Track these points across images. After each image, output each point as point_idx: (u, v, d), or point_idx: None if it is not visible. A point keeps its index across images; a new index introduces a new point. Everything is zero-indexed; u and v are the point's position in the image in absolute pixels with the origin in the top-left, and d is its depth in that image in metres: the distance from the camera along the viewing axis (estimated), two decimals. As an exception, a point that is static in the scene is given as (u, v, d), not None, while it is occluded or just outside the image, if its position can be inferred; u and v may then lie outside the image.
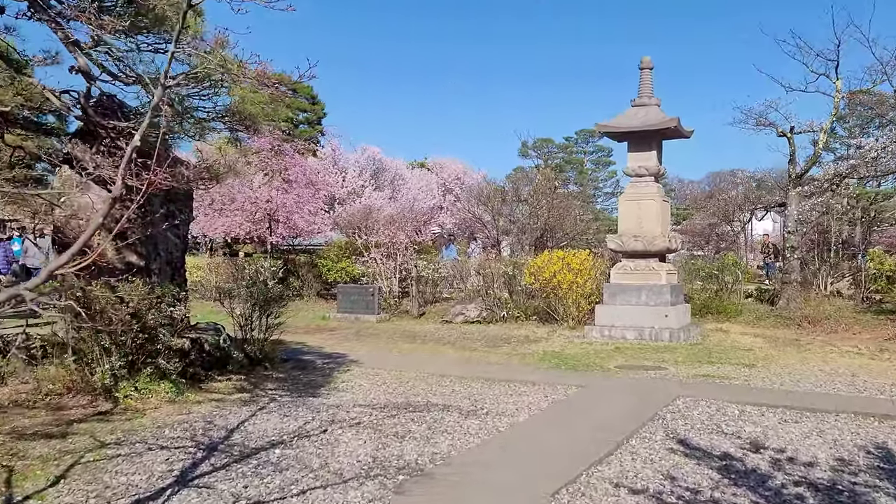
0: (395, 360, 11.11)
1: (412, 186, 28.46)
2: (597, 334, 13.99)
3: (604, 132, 14.52)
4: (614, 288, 14.27)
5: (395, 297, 18.64)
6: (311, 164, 26.24)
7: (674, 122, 13.84)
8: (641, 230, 14.21)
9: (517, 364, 10.98)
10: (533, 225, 19.20)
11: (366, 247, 19.14)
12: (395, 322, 16.94)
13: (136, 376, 7.56)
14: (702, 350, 12.53)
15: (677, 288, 14.67)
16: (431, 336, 14.54)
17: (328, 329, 15.64)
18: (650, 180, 14.40)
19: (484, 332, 15.06)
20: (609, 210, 50.47)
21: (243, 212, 19.06)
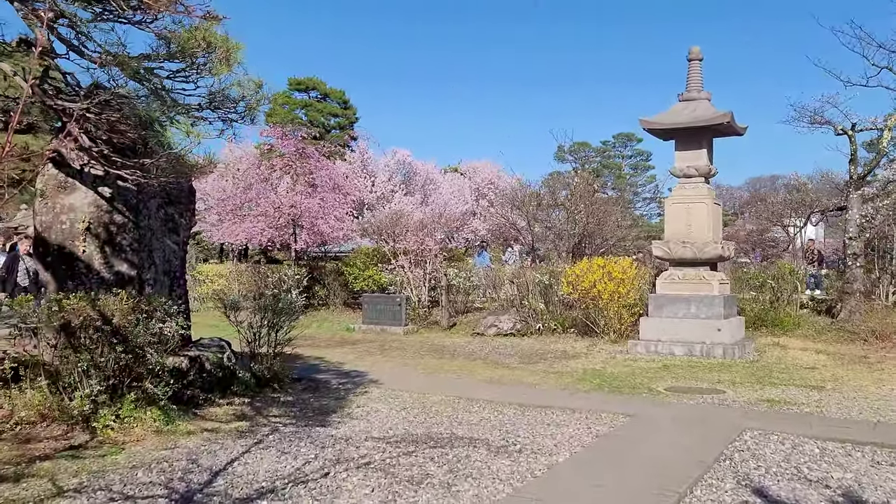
0: (419, 380, 10.08)
1: (444, 191, 27.44)
2: (641, 350, 12.81)
3: (648, 129, 13.35)
4: (660, 299, 13.08)
5: (425, 307, 17.63)
6: (340, 168, 25.39)
7: (726, 117, 12.63)
8: (690, 236, 13.00)
9: (554, 384, 9.87)
10: (570, 231, 18.04)
11: (393, 254, 18.17)
12: (424, 334, 15.92)
13: (120, 402, 6.63)
14: (760, 369, 11.28)
15: (731, 299, 13.41)
16: (461, 350, 13.48)
17: (351, 342, 14.68)
18: (700, 181, 13.19)
19: (518, 346, 13.97)
20: (648, 216, 48.95)
21: (266, 217, 18.23)
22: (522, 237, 19.75)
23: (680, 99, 13.49)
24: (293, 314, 9.22)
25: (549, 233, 20.35)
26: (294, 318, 9.20)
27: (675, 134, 13.31)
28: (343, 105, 41.64)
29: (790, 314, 15.50)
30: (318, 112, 40.20)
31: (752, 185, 46.92)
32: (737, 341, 12.79)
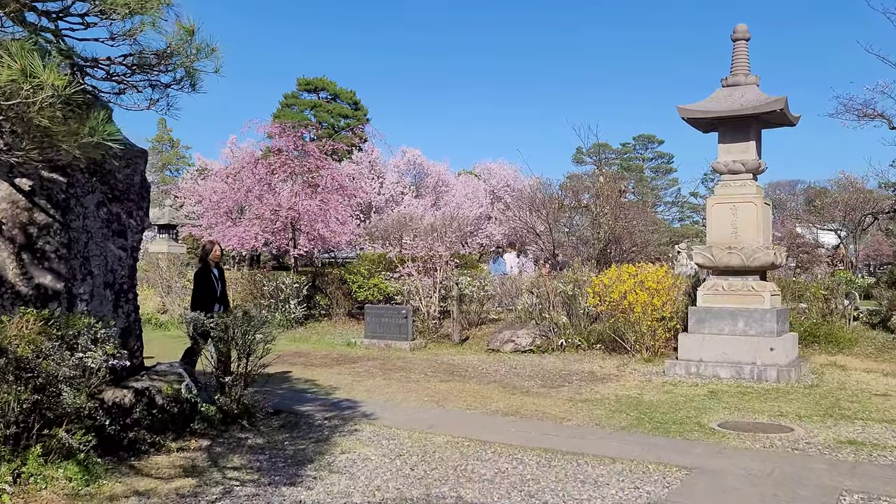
0: (422, 413, 8.47)
1: (457, 193, 25.81)
2: (681, 371, 11.14)
3: (688, 119, 11.70)
4: (702, 312, 11.41)
5: (435, 319, 16.03)
6: (346, 168, 23.89)
7: (780, 102, 10.95)
8: (737, 240, 11.33)
9: (584, 418, 8.23)
10: (595, 236, 16.39)
11: (401, 260, 16.59)
12: (432, 350, 14.31)
13: (25, 455, 5.09)
14: (824, 396, 9.59)
15: (784, 313, 11.72)
16: (474, 371, 11.86)
17: (350, 360, 13.09)
18: (747, 178, 11.51)
19: (538, 365, 12.33)
20: (670, 220, 47.17)
21: (262, 221, 16.74)
22: (542, 242, 18.11)
23: (723, 84, 11.83)
24: (269, 332, 7.61)
25: (572, 238, 18.71)
26: (270, 340, 7.59)
27: (719, 124, 11.66)
28: (353, 106, 40.18)
29: (843, 328, 13.76)
30: (327, 113, 38.77)
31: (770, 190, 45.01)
32: (791, 362, 11.09)
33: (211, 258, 9.50)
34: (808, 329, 13.19)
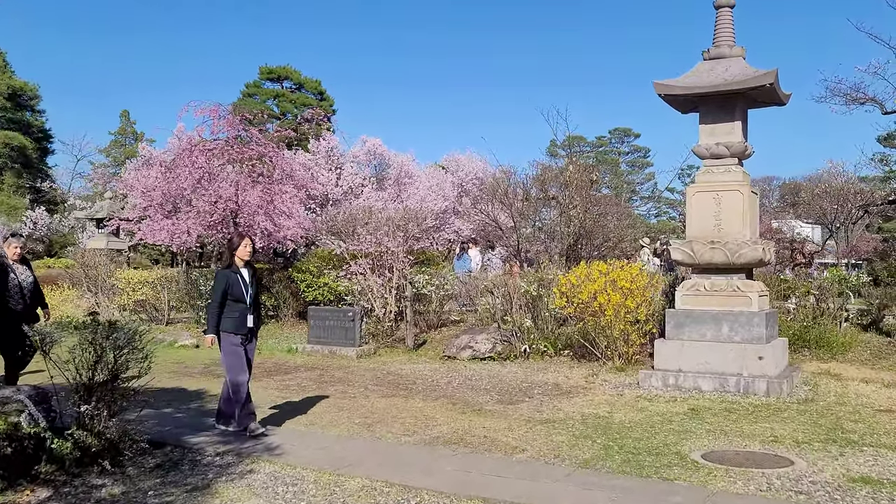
0: (344, 443, 6.99)
1: (421, 186, 24.30)
2: (657, 383, 9.77)
3: (665, 95, 10.31)
4: (681, 316, 10.04)
5: (390, 321, 14.54)
6: (300, 158, 22.32)
7: (770, 76, 9.60)
8: (721, 234, 9.97)
9: (542, 447, 6.80)
10: (564, 230, 14.98)
11: (353, 256, 15.08)
12: (382, 357, 12.83)
13: None
14: (822, 414, 8.26)
15: (773, 316, 10.40)
16: (423, 383, 10.41)
17: (284, 370, 11.58)
18: (732, 163, 10.16)
19: (497, 375, 10.90)
20: (646, 216, 46.08)
21: (198, 214, 15.15)
22: (506, 237, 16.68)
23: (705, 57, 10.46)
24: (140, 347, 6.08)
25: (541, 233, 17.31)
26: (143, 360, 6.06)
27: (701, 101, 10.29)
28: (319, 96, 38.57)
29: (835, 331, 12.47)
30: (290, 103, 37.13)
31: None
32: (782, 372, 9.77)
33: (238, 256, 7.22)
34: (798, 333, 11.89)
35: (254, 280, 7.34)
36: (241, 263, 7.20)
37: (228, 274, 7.12)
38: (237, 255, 7.17)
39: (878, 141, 35.61)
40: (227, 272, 7.14)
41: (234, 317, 7.04)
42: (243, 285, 7.12)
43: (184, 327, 15.82)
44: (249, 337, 7.21)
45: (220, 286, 7.05)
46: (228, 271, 7.14)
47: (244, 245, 7.21)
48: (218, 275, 7.24)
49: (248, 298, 7.14)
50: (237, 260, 7.18)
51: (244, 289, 7.11)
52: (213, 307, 7.07)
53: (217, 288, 7.09)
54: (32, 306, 8.90)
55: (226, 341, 7.03)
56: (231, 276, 7.09)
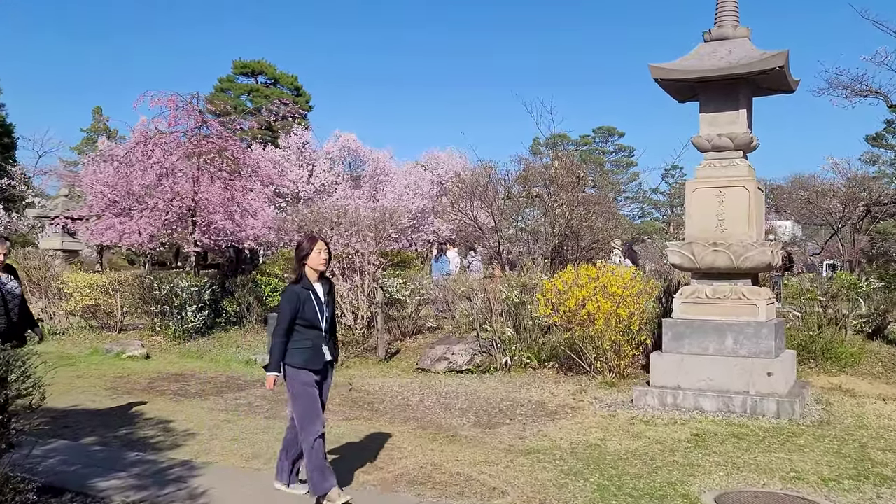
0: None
1: (398, 183, 23.16)
2: (653, 401, 8.73)
3: (662, 80, 9.25)
4: (680, 326, 8.99)
5: (362, 328, 13.39)
6: (270, 153, 21.15)
7: (779, 59, 8.57)
8: (724, 235, 8.93)
9: (523, 489, 5.71)
10: (549, 230, 13.90)
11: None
12: (351, 369, 11.69)
13: None
14: (844, 440, 7.24)
15: (781, 327, 9.37)
16: (392, 401, 9.28)
17: (238, 386, 10.40)
18: (737, 156, 9.13)
19: (475, 391, 9.81)
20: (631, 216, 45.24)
21: (153, 211, 13.92)
22: (486, 238, 15.57)
23: (706, 39, 9.42)
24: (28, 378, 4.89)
25: (524, 234, 16.22)
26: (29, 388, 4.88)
27: (701, 87, 9.25)
28: (295, 92, 37.32)
29: (842, 341, 11.49)
30: (265, 98, 35.76)
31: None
32: (792, 389, 8.75)
33: (310, 266, 5.39)
34: (803, 343, 10.90)
35: (330, 298, 5.57)
36: (313, 276, 5.41)
37: (299, 291, 5.33)
38: (309, 264, 5.38)
39: (866, 140, 34.97)
40: (296, 289, 5.35)
41: (306, 347, 5.33)
42: (317, 305, 5.38)
43: (137, 335, 14.58)
44: (325, 372, 5.56)
45: (288, 308, 5.30)
46: (298, 287, 5.35)
47: (317, 251, 5.39)
48: (285, 293, 5.43)
49: (324, 322, 5.43)
50: (308, 272, 5.39)
51: (319, 310, 5.38)
52: (279, 335, 5.31)
53: (284, 310, 5.31)
54: (19, 325, 6.96)
55: (294, 380, 5.30)
56: (302, 294, 5.32)
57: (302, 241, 5.53)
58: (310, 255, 5.36)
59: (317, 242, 5.43)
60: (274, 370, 5.34)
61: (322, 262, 5.40)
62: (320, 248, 5.40)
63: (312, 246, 5.40)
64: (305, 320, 5.30)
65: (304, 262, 5.37)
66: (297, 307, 5.27)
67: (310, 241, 5.45)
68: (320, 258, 5.38)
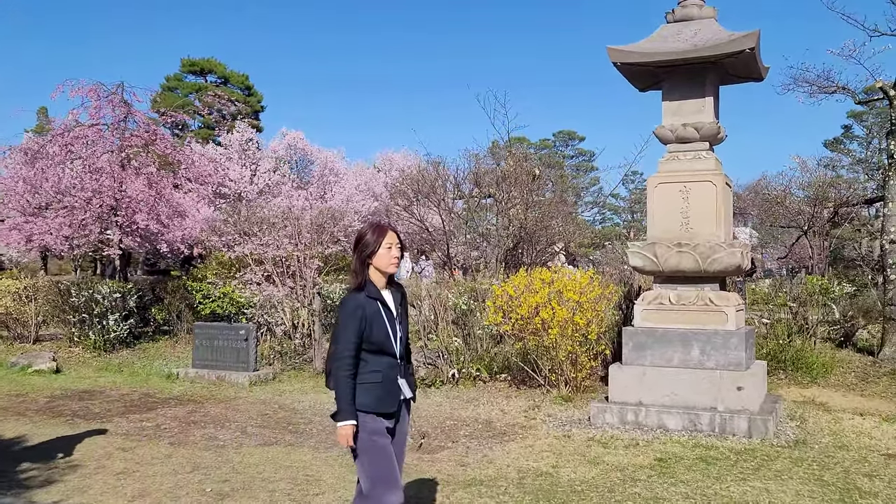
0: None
1: (347, 184, 22.07)
2: (613, 419, 7.84)
3: (622, 64, 8.39)
4: (642, 336, 8.12)
5: (303, 336, 12.31)
6: (211, 152, 19.95)
7: (750, 39, 7.76)
8: (690, 235, 8.10)
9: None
10: (502, 232, 12.98)
11: (259, 262, 12.83)
12: (282, 384, 10.60)
13: None
14: (824, 464, 6.43)
15: (751, 336, 8.57)
16: (321, 421, 8.23)
17: (150, 405, 9.24)
18: (703, 148, 8.32)
19: (416, 408, 8.74)
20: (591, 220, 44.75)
21: (69, 211, 12.66)
22: (434, 239, 14.58)
23: (669, 19, 8.60)
24: None
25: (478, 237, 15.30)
26: None
27: (665, 72, 8.41)
28: (246, 91, 36.00)
29: (812, 349, 10.77)
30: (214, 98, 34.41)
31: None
32: (763, 405, 7.92)
33: (378, 267, 3.87)
34: (772, 352, 10.15)
35: (403, 310, 4.02)
36: (381, 281, 3.88)
37: (364, 303, 3.76)
38: (375, 264, 3.85)
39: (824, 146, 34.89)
40: (359, 299, 3.78)
41: (375, 382, 3.76)
42: (389, 322, 3.82)
43: (52, 346, 13.29)
44: (400, 415, 3.93)
45: (352, 326, 3.72)
46: (362, 297, 3.78)
47: (387, 245, 3.85)
48: (345, 306, 3.80)
49: (398, 345, 3.86)
50: (374, 275, 3.86)
51: (391, 328, 3.82)
52: (343, 367, 3.70)
53: (346, 330, 3.72)
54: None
55: (362, 429, 3.73)
56: (369, 307, 3.77)
57: (364, 233, 3.88)
58: (377, 253, 3.80)
59: (386, 234, 3.84)
60: (349, 418, 3.65)
61: (394, 261, 3.88)
62: (391, 242, 3.84)
63: (380, 239, 3.81)
64: (373, 343, 3.73)
65: (368, 262, 3.82)
66: (362, 325, 3.70)
67: (376, 233, 3.84)
68: (391, 256, 3.84)
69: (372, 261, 3.80)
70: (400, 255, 3.93)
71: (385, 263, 3.81)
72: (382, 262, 3.81)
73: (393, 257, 3.84)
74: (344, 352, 3.68)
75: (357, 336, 3.67)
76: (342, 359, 3.68)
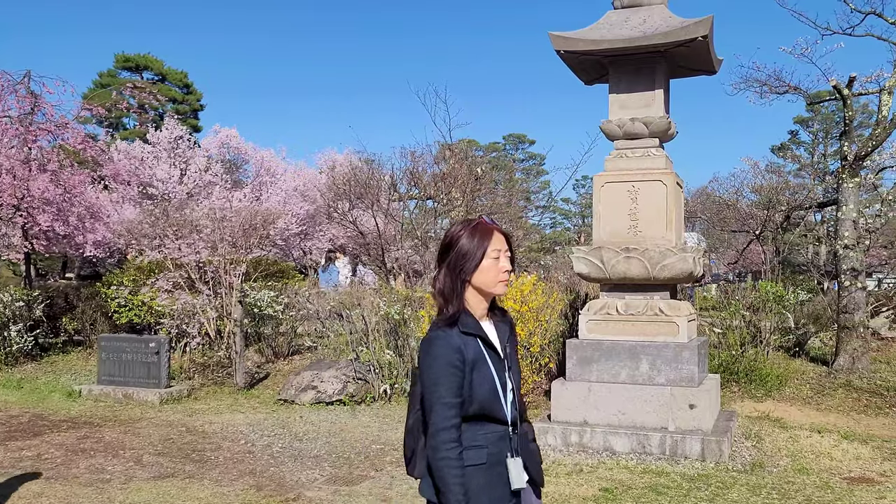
0: None
1: (285, 185, 21.08)
2: (555, 441, 7.13)
3: (566, 52, 7.69)
4: (588, 349, 7.42)
5: (228, 348, 11.33)
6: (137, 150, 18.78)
7: (702, 27, 7.15)
8: (639, 238, 7.44)
9: None
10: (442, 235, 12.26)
11: (179, 266, 11.80)
12: (196, 402, 9.63)
13: None
14: (784, 492, 5.83)
15: (704, 348, 7.96)
16: (231, 447, 7.32)
17: (40, 428, 8.18)
18: (652, 145, 7.68)
19: (341, 430, 7.97)
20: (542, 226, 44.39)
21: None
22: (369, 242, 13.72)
23: (615, 5, 7.94)
24: None
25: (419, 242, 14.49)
26: None
27: (612, 63, 7.75)
28: (185, 89, 34.62)
29: (765, 360, 10.25)
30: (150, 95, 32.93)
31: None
32: (717, 423, 7.30)
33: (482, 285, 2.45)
34: (725, 363, 9.57)
35: (512, 349, 2.63)
36: (481, 308, 2.52)
37: (460, 343, 2.39)
38: (477, 283, 2.47)
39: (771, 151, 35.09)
40: (452, 337, 2.39)
41: (479, 464, 2.37)
42: (495, 369, 2.45)
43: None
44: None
45: (444, 380, 2.34)
46: (455, 336, 2.39)
47: (493, 252, 2.47)
48: (432, 346, 2.38)
49: (509, 407, 2.47)
50: (473, 299, 2.49)
51: (499, 379, 2.45)
52: (446, 446, 2.30)
53: (436, 385, 2.34)
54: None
55: None
56: (470, 348, 2.40)
57: (458, 236, 2.49)
58: (481, 266, 2.44)
59: (492, 236, 2.48)
60: None
61: (503, 277, 2.50)
62: (499, 248, 2.48)
63: (485, 244, 2.46)
64: (473, 405, 2.38)
65: (467, 280, 2.46)
66: (460, 379, 2.35)
67: (478, 235, 2.47)
68: (499, 270, 2.48)
69: (472, 278, 2.44)
70: (510, 268, 2.55)
71: (492, 280, 2.45)
72: (488, 278, 2.44)
73: (503, 271, 2.47)
74: (443, 424, 2.29)
75: (457, 395, 2.33)
76: (443, 433, 2.29)
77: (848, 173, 10.68)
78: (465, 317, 2.41)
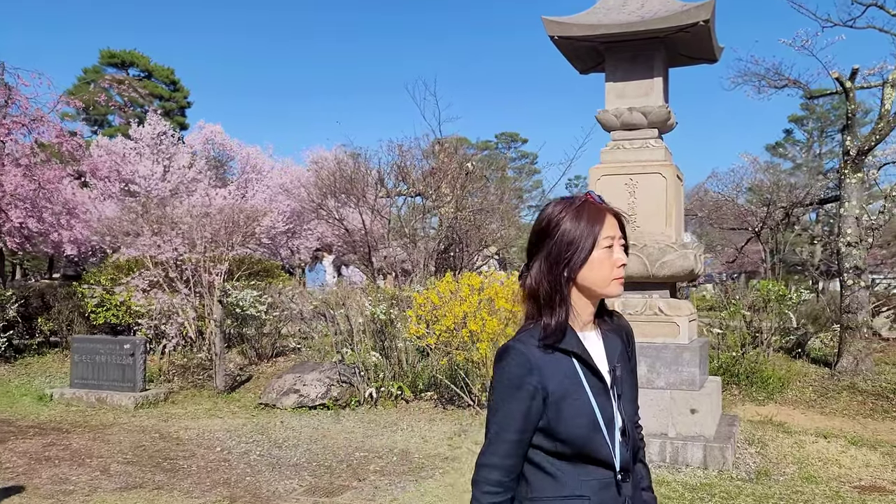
0: None
1: (272, 183, 20.65)
2: (549, 448, 6.69)
3: (560, 38, 7.30)
4: (583, 350, 7.02)
5: (208, 351, 10.91)
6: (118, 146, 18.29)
7: (704, 11, 6.77)
8: (637, 234, 7.06)
9: None
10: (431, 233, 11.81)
11: (155, 264, 11.36)
12: (173, 407, 9.20)
13: None
14: (791, 501, 5.45)
15: (705, 349, 7.59)
16: (206, 455, 6.91)
17: (4, 434, 7.73)
18: (651, 136, 7.30)
19: (323, 436, 7.56)
20: (533, 225, 43.91)
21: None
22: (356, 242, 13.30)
23: (613, -10, 7.57)
24: None
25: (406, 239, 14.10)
26: None
27: (609, 49, 7.37)
28: (171, 86, 34.10)
29: (767, 361, 9.89)
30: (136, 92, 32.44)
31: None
32: (720, 429, 6.93)
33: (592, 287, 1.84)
34: (725, 365, 9.22)
35: (626, 366, 1.94)
36: (586, 314, 1.88)
37: (542, 362, 1.79)
38: (584, 281, 1.83)
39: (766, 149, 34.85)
40: (531, 351, 1.79)
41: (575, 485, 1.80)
42: (594, 396, 1.80)
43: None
44: None
45: (505, 406, 1.79)
46: (539, 353, 1.79)
47: (606, 241, 1.83)
48: (504, 359, 1.81)
49: (618, 449, 1.80)
50: (580, 303, 1.86)
51: (600, 410, 1.80)
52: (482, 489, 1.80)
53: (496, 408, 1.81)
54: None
55: None
56: (551, 370, 1.79)
57: (559, 217, 1.85)
58: (591, 258, 1.82)
59: (604, 219, 1.84)
60: None
61: (618, 273, 1.86)
62: (612, 235, 1.85)
63: (597, 229, 1.83)
64: (565, 442, 1.79)
65: (573, 278, 1.84)
66: (527, 408, 1.78)
67: (585, 218, 1.83)
68: (613, 264, 1.85)
69: (577, 276, 1.83)
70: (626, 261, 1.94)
71: (605, 278, 1.84)
72: (600, 275, 1.84)
73: (618, 265, 1.86)
74: (488, 460, 1.81)
75: (519, 430, 1.79)
76: (484, 471, 1.81)
77: (850, 169, 10.35)
78: (560, 329, 1.80)
